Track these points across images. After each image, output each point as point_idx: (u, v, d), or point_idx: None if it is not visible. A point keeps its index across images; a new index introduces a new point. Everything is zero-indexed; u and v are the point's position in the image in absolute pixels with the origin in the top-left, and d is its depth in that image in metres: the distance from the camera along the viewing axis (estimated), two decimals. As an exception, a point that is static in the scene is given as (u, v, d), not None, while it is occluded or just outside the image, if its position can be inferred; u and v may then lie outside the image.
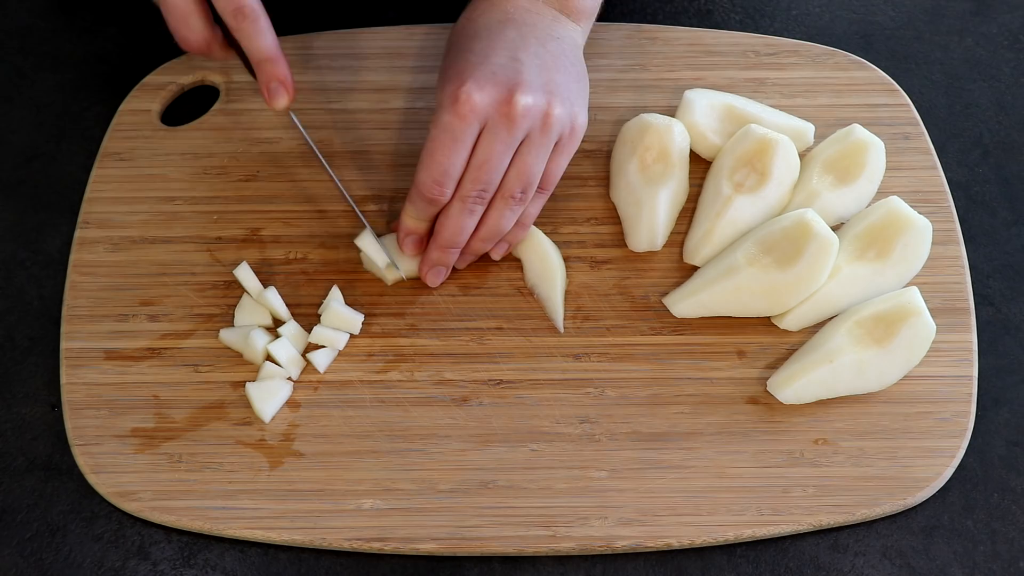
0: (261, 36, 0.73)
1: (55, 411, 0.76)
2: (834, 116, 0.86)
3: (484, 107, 0.70)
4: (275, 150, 0.85)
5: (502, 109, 0.71)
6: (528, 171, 0.73)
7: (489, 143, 0.71)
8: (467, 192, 0.73)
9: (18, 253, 0.83)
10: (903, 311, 0.74)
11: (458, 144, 0.71)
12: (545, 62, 0.74)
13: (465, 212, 0.74)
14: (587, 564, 0.71)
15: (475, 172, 0.72)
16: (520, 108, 0.71)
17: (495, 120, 0.71)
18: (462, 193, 0.73)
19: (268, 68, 0.74)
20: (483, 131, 0.71)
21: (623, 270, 0.80)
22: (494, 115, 0.71)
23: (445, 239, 0.75)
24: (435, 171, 0.72)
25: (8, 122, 0.89)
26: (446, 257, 0.77)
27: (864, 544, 0.72)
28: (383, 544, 0.70)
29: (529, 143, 0.73)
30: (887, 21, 0.95)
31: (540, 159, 0.74)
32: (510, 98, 0.70)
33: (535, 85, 0.72)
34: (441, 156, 0.71)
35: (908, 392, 0.75)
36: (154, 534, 0.72)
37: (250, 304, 0.78)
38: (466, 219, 0.74)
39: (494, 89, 0.71)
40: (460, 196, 0.73)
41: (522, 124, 0.71)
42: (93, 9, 0.94)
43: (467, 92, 0.70)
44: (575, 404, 0.75)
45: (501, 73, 0.71)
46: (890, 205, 0.78)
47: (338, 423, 0.74)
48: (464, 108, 0.70)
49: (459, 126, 0.70)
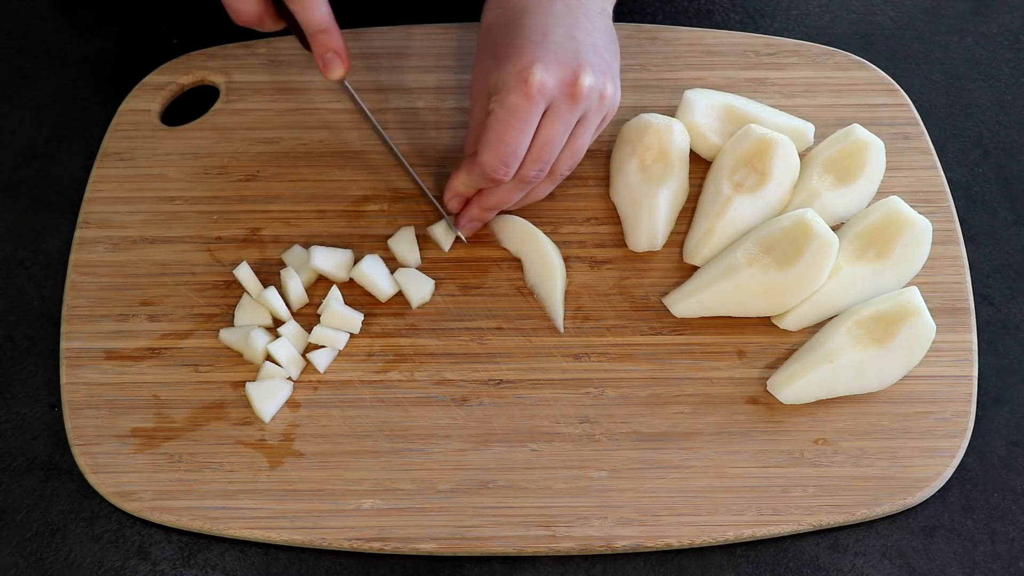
0: (315, 7, 0.73)
1: (55, 411, 0.76)
2: (834, 116, 0.86)
3: (551, 88, 0.71)
4: (275, 150, 0.85)
5: (568, 90, 0.71)
6: (579, 150, 0.75)
7: (552, 124, 0.72)
8: (527, 172, 0.74)
9: (18, 253, 0.83)
10: (903, 311, 0.74)
11: (526, 125, 0.71)
12: (595, 40, 0.74)
13: (519, 188, 0.75)
14: (587, 564, 0.71)
15: (537, 152, 0.73)
16: (585, 89, 0.71)
17: (560, 101, 0.71)
18: (522, 173, 0.74)
19: (322, 39, 0.74)
20: (547, 111, 0.72)
21: (623, 270, 0.80)
22: (559, 96, 0.71)
23: (493, 203, 0.77)
24: (503, 152, 0.72)
25: (8, 122, 0.89)
26: (488, 216, 0.79)
27: (864, 544, 0.72)
28: (383, 544, 0.70)
29: (585, 122, 0.74)
30: (887, 21, 0.95)
31: (590, 137, 0.75)
32: (575, 80, 0.71)
33: (595, 65, 0.72)
34: (509, 137, 0.71)
35: (908, 392, 0.75)
36: (154, 534, 0.72)
37: (250, 304, 0.78)
38: (518, 193, 0.76)
39: (560, 69, 0.71)
40: (519, 176, 0.74)
41: (584, 105, 0.72)
42: (93, 9, 0.94)
43: (536, 73, 0.70)
44: (575, 404, 0.75)
45: (563, 53, 0.71)
46: (890, 205, 0.78)
47: (338, 423, 0.74)
48: (533, 89, 0.70)
49: (528, 107, 0.70)
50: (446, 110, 0.86)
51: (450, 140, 0.85)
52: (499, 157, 0.72)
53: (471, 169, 0.75)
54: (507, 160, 0.72)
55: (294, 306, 0.78)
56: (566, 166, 0.76)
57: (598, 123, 0.75)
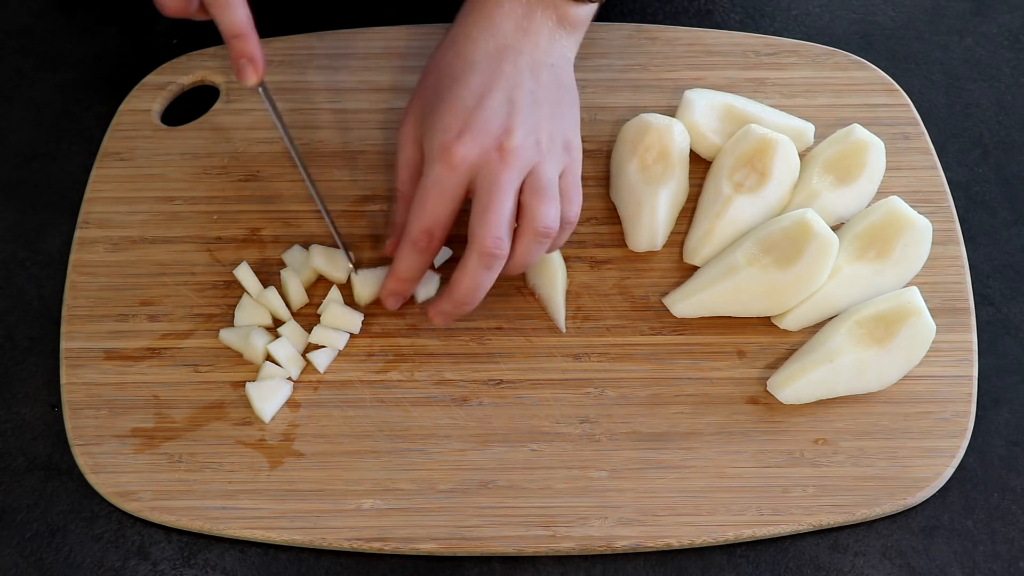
0: (231, 10, 0.71)
1: (55, 411, 0.76)
2: (834, 116, 0.86)
3: (475, 157, 0.70)
4: (275, 150, 0.85)
5: (495, 155, 0.70)
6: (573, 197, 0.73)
7: (489, 191, 0.70)
8: (485, 245, 0.70)
9: (18, 253, 0.83)
10: (903, 311, 0.74)
11: (448, 194, 0.70)
12: (537, 97, 0.73)
13: (483, 268, 0.71)
14: (587, 564, 0.71)
15: (484, 223, 0.70)
16: (514, 147, 0.70)
17: (491, 167, 0.70)
18: (481, 247, 0.70)
19: (237, 44, 0.72)
20: (478, 176, 0.70)
21: (623, 270, 0.80)
22: (488, 161, 0.70)
23: (461, 296, 0.72)
24: (427, 220, 0.71)
25: (8, 122, 0.89)
26: (461, 312, 0.73)
27: (864, 544, 0.72)
28: (383, 544, 0.70)
29: (534, 175, 0.71)
30: (887, 21, 0.95)
31: (572, 180, 0.73)
32: (501, 144, 0.70)
33: (527, 127, 0.71)
34: (432, 206, 0.70)
35: (908, 392, 0.75)
36: (154, 534, 0.72)
37: (250, 304, 0.78)
38: (484, 275, 0.71)
39: (485, 138, 0.70)
40: (479, 250, 0.70)
41: (518, 162, 0.70)
42: (93, 9, 0.94)
43: (460, 147, 0.69)
44: (575, 404, 0.75)
45: (494, 120, 0.71)
46: (890, 205, 0.78)
47: (338, 423, 0.74)
48: (455, 161, 0.70)
49: (451, 178, 0.70)
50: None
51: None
52: (422, 226, 0.71)
53: (400, 250, 0.73)
54: (432, 229, 0.71)
55: (294, 306, 0.78)
56: (573, 213, 0.73)
57: (560, 168, 0.73)
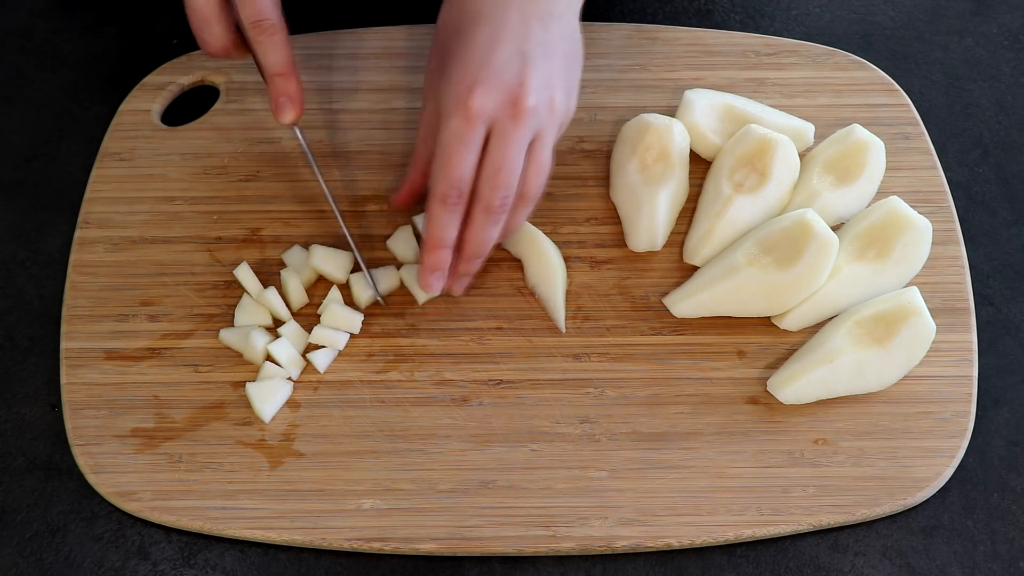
0: (276, 50, 0.73)
1: (55, 411, 0.76)
2: (834, 116, 0.86)
3: (491, 110, 0.70)
4: (275, 150, 0.85)
5: (509, 111, 0.70)
6: (543, 166, 0.74)
7: (501, 146, 0.71)
8: (492, 201, 0.72)
9: (18, 253, 0.83)
10: (903, 311, 0.74)
11: (468, 149, 0.70)
12: (548, 49, 0.73)
13: (491, 222, 0.73)
14: (587, 564, 0.71)
15: (493, 178, 0.71)
16: (528, 108, 0.70)
17: (503, 122, 0.70)
18: (487, 203, 0.72)
19: (279, 83, 0.74)
20: (492, 133, 0.71)
21: (623, 270, 0.80)
22: (502, 117, 0.70)
23: (472, 251, 0.74)
24: (452, 177, 0.71)
25: (8, 122, 0.89)
26: (473, 267, 0.76)
27: (864, 544, 0.72)
28: (383, 544, 0.70)
29: (540, 139, 0.72)
30: (887, 21, 0.95)
31: (549, 151, 0.74)
32: (516, 100, 0.70)
33: (541, 79, 0.71)
34: (455, 162, 0.71)
35: (908, 392, 0.75)
36: (154, 534, 0.72)
37: (250, 304, 0.78)
38: (492, 227, 0.73)
39: (500, 91, 0.70)
40: (484, 207, 0.72)
41: (531, 122, 0.71)
42: (93, 9, 0.94)
43: (475, 97, 0.69)
44: (575, 404, 0.75)
45: (507, 72, 0.71)
46: (890, 205, 0.78)
47: (338, 423, 0.74)
48: (472, 113, 0.70)
49: (468, 131, 0.70)
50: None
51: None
52: (449, 183, 0.71)
53: (428, 212, 0.73)
54: (456, 184, 0.71)
55: (294, 306, 0.78)
56: (535, 185, 0.74)
57: (554, 135, 0.74)
